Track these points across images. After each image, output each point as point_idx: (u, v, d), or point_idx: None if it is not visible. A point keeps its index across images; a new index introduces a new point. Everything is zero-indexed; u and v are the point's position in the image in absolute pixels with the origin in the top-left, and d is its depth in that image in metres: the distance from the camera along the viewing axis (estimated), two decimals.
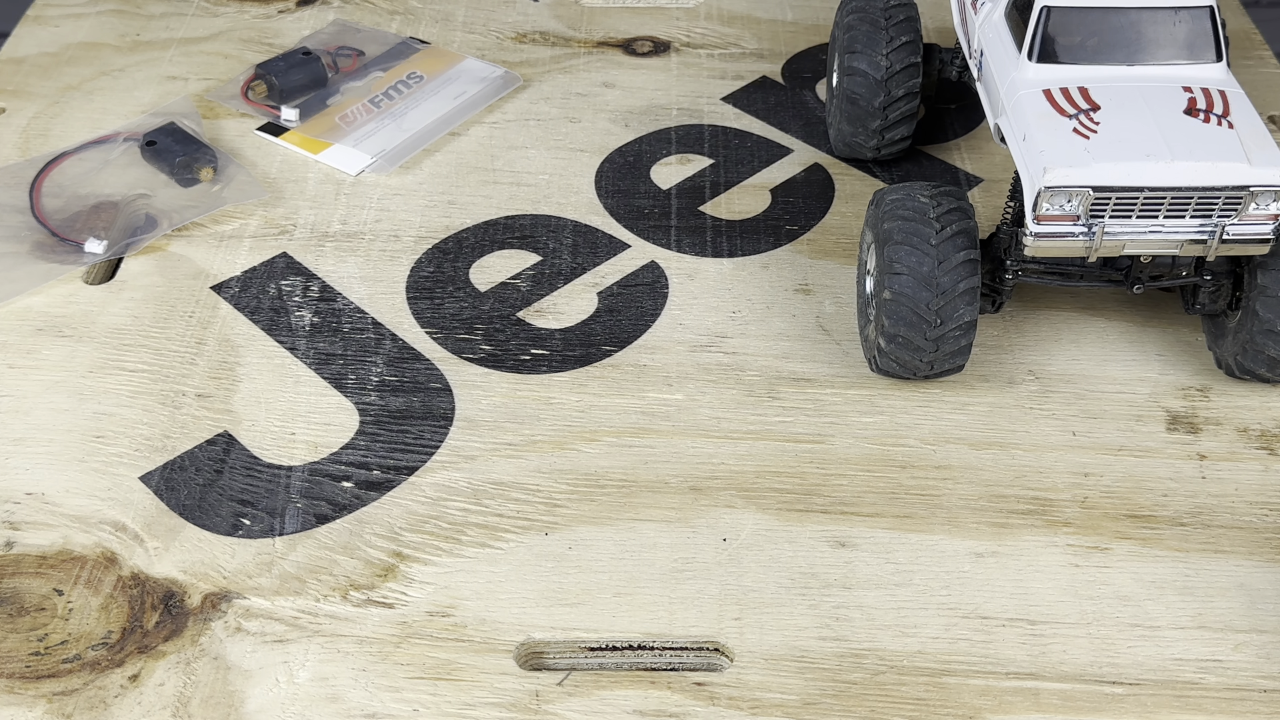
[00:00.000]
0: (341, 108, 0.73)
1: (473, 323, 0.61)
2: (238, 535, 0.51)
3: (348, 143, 0.70)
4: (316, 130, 0.71)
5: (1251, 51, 0.79)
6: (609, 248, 0.65)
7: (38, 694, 0.46)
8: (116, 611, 0.48)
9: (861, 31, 0.66)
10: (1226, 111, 0.52)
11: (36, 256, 0.64)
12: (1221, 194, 0.50)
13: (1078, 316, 0.61)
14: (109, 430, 0.55)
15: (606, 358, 0.59)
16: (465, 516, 0.52)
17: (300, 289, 0.62)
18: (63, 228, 0.65)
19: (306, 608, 0.48)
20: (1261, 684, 0.46)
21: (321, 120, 0.72)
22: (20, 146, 0.71)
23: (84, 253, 0.64)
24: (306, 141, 0.71)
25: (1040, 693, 0.46)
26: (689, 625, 0.48)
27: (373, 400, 0.57)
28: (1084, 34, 0.53)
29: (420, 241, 0.65)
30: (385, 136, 0.71)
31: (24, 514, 0.52)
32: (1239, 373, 0.57)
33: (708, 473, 0.54)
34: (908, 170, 0.70)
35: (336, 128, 0.71)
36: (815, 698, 0.46)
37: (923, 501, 0.53)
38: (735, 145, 0.72)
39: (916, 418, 0.56)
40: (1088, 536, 0.51)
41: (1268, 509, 0.53)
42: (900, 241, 0.53)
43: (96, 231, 0.65)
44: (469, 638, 0.48)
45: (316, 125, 0.72)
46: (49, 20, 0.82)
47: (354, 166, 0.69)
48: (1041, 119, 0.52)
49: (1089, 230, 0.51)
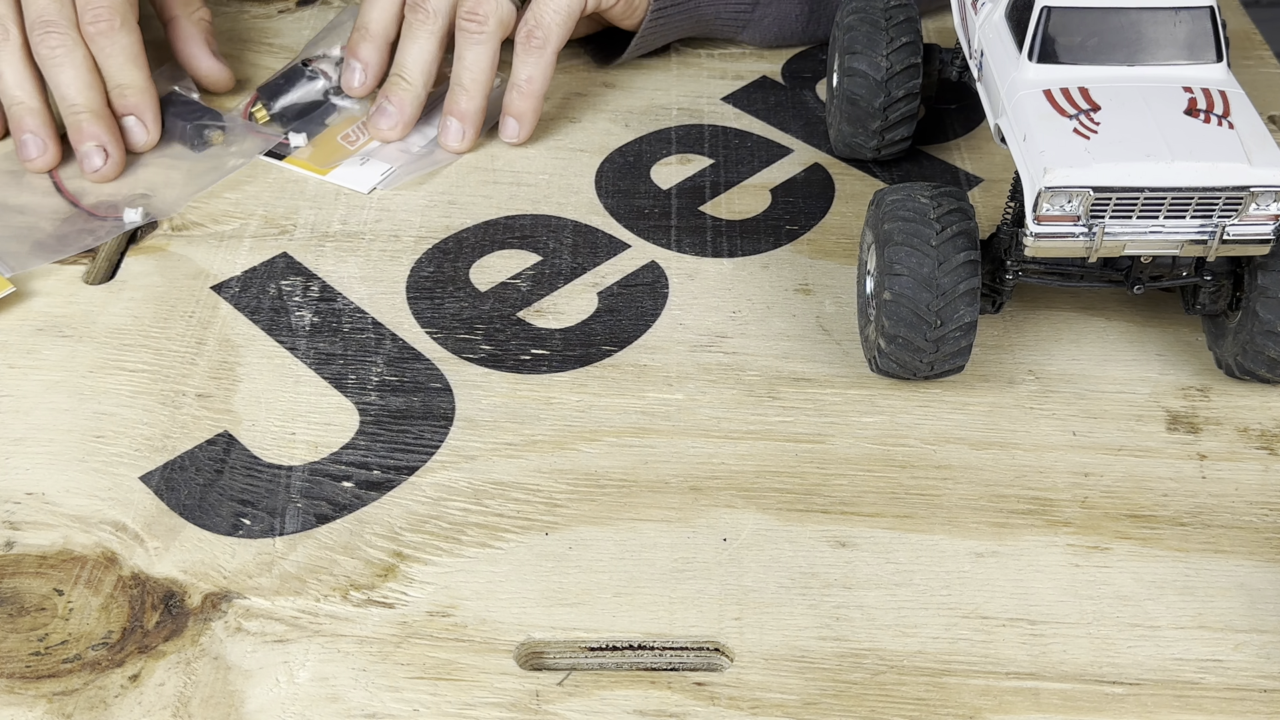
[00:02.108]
0: (341, 128, 0.72)
1: (473, 323, 0.61)
2: (238, 535, 0.51)
3: (354, 162, 0.70)
4: (321, 154, 0.71)
5: (1251, 51, 0.79)
6: (609, 248, 0.65)
7: (38, 694, 0.46)
8: (116, 611, 0.48)
9: (861, 32, 0.66)
10: (1227, 112, 0.52)
11: (74, 232, 0.65)
12: (1222, 194, 0.50)
13: (1078, 316, 0.61)
14: (109, 430, 0.55)
15: (606, 358, 0.59)
16: (465, 516, 0.52)
17: (300, 289, 0.62)
18: (98, 207, 0.66)
19: (306, 608, 0.48)
20: (1262, 684, 0.46)
21: (324, 142, 0.71)
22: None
23: (124, 223, 0.65)
24: (311, 166, 0.70)
25: (1040, 693, 0.46)
26: (689, 625, 0.48)
27: (373, 400, 0.57)
28: (1084, 34, 0.53)
29: (420, 241, 0.65)
30: (392, 151, 0.71)
31: (24, 514, 0.52)
32: (1239, 373, 0.57)
33: (708, 473, 0.54)
34: (908, 170, 0.70)
35: (340, 149, 0.71)
36: (815, 698, 0.46)
37: (923, 501, 0.53)
38: (735, 145, 0.72)
39: (916, 418, 0.56)
40: (1088, 536, 0.51)
41: (1268, 509, 0.53)
42: (900, 242, 0.53)
43: (132, 201, 0.66)
44: (469, 638, 0.48)
45: (320, 149, 0.71)
46: None
47: (365, 184, 0.69)
48: (1042, 119, 0.52)
49: (1089, 230, 0.51)
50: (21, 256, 0.63)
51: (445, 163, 0.70)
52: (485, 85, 0.69)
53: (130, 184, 0.68)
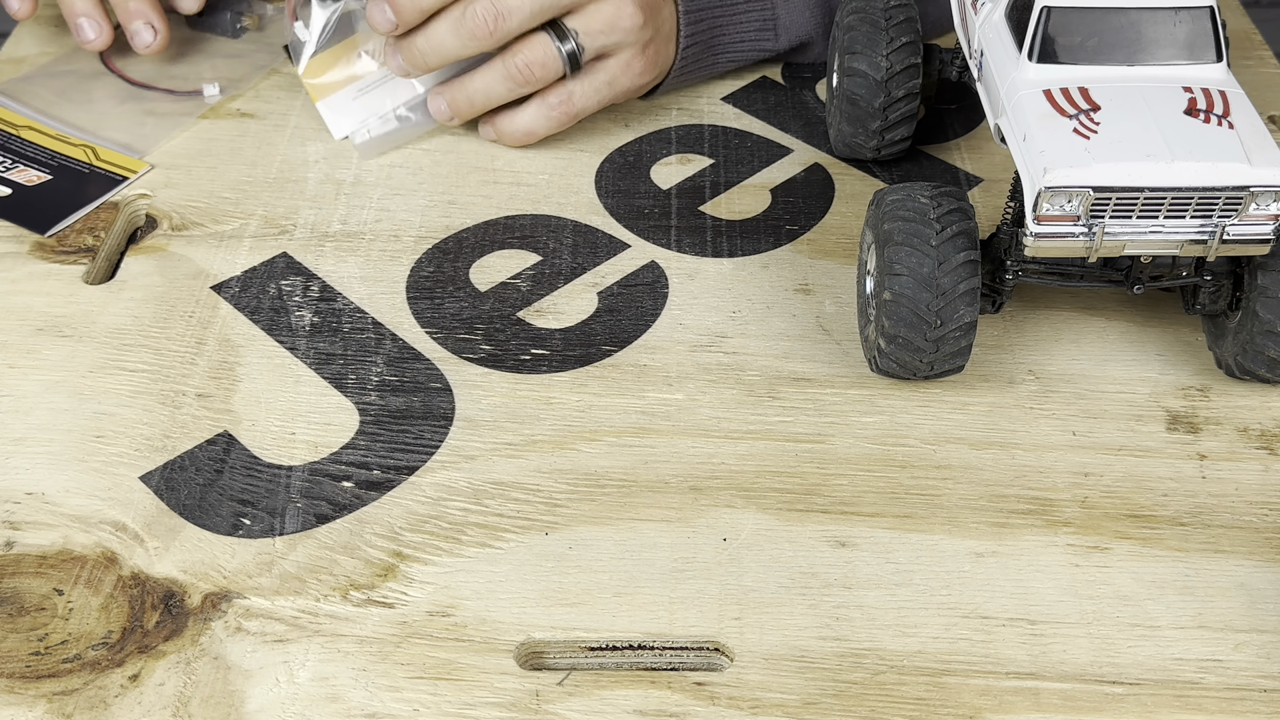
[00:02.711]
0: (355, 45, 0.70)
1: (473, 322, 0.61)
2: (238, 535, 0.51)
3: (347, 95, 0.69)
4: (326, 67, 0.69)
5: (1251, 51, 0.79)
6: (609, 248, 0.65)
7: (38, 694, 0.46)
8: (116, 611, 0.48)
9: (861, 32, 0.66)
10: (1227, 112, 0.52)
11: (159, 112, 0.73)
12: (1222, 194, 0.50)
13: (1078, 316, 0.61)
14: (109, 430, 0.55)
15: (606, 357, 0.59)
16: (465, 516, 0.52)
17: (300, 289, 0.62)
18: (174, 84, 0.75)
19: (306, 607, 0.48)
20: (1262, 684, 0.46)
21: (335, 55, 0.70)
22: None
23: (204, 97, 0.74)
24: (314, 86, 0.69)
25: (1040, 692, 0.46)
26: (689, 625, 0.48)
27: (373, 400, 0.57)
28: (1084, 34, 0.53)
29: (420, 241, 0.65)
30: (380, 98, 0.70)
31: (24, 514, 0.52)
32: (1239, 373, 0.57)
33: (708, 472, 0.54)
34: (908, 170, 0.70)
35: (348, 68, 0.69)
36: (815, 697, 0.46)
37: (923, 501, 0.53)
38: (735, 145, 0.72)
39: (916, 418, 0.56)
40: (1088, 536, 0.51)
41: (1268, 509, 0.53)
42: (900, 242, 0.53)
43: (206, 77, 0.75)
44: (469, 637, 0.48)
45: (328, 61, 0.69)
46: (49, 20, 0.81)
47: (339, 130, 0.68)
48: (1042, 119, 0.52)
49: (1089, 230, 0.51)
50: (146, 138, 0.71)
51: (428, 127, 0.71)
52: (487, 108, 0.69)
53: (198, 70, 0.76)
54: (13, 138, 0.70)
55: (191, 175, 0.69)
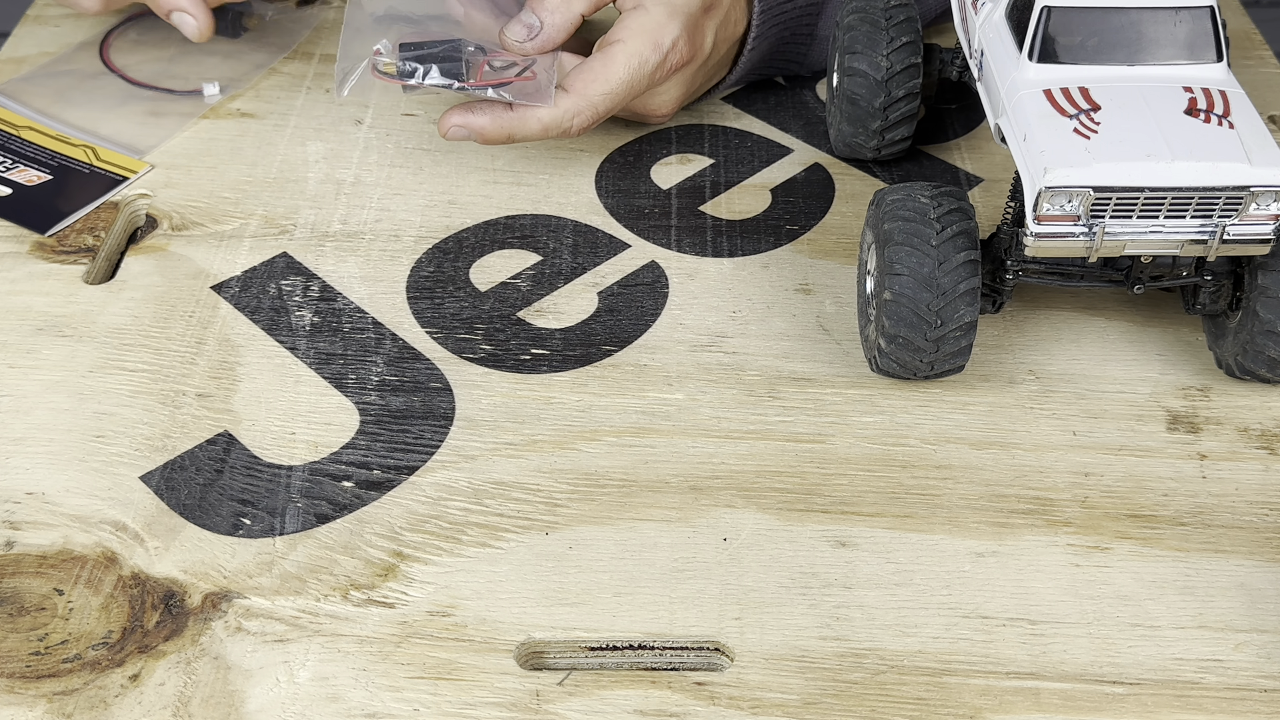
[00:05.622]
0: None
1: (473, 322, 0.61)
2: (238, 535, 0.51)
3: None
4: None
5: (1251, 51, 0.79)
6: (609, 247, 0.65)
7: (38, 694, 0.46)
8: (117, 611, 0.48)
9: (862, 32, 0.66)
10: (1227, 111, 0.52)
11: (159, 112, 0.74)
12: (1222, 194, 0.50)
13: (1078, 316, 0.61)
14: (109, 430, 0.55)
15: (607, 357, 0.59)
16: (465, 516, 0.52)
17: (300, 289, 0.62)
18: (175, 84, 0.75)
19: (307, 607, 0.48)
20: (1262, 684, 0.46)
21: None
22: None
23: (204, 96, 0.75)
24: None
25: (1041, 692, 0.46)
26: (689, 625, 0.48)
27: (373, 400, 0.57)
28: (1084, 34, 0.53)
29: (420, 241, 0.65)
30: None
31: (24, 514, 0.52)
32: (1239, 373, 0.57)
33: (708, 472, 0.54)
34: (908, 170, 0.70)
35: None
36: (816, 697, 0.46)
37: (923, 501, 0.53)
38: (735, 145, 0.72)
39: (917, 417, 0.56)
40: (1088, 536, 0.51)
41: (1268, 509, 0.53)
42: (901, 242, 0.53)
43: (207, 76, 0.76)
44: (469, 637, 0.48)
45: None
46: (49, 20, 0.81)
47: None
48: (1042, 119, 0.52)
49: (1089, 230, 0.51)
50: (146, 138, 0.72)
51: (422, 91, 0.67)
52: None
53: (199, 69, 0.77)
54: (13, 138, 0.70)
55: (191, 175, 0.69)
